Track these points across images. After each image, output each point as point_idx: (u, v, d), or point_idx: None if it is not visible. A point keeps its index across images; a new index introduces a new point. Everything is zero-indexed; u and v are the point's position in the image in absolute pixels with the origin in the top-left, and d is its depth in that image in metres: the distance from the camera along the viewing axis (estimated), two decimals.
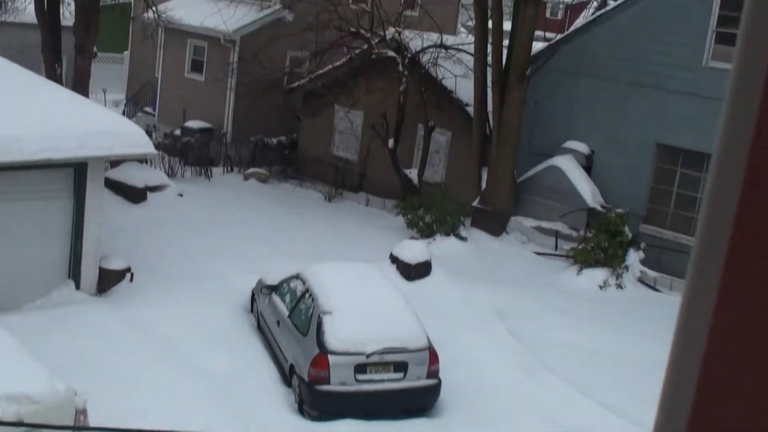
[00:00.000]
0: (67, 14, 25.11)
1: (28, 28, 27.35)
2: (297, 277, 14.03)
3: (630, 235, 18.96)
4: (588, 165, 21.59)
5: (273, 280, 14.77)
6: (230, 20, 27.26)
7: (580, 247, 19.11)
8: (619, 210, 19.43)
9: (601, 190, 21.14)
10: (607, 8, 22.55)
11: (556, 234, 20.72)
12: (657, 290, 18.80)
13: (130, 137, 15.19)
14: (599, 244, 18.78)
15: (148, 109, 32.93)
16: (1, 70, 15.71)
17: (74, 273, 14.91)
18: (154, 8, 26.30)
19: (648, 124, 20.68)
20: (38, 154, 13.49)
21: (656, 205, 20.79)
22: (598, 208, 20.52)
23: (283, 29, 26.81)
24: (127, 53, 35.68)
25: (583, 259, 18.72)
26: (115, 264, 15.64)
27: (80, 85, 23.13)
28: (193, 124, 28.31)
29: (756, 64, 0.80)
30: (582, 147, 21.67)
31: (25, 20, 27.45)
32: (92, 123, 14.82)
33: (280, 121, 28.37)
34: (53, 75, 23.24)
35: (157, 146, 23.84)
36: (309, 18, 24.42)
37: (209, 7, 28.48)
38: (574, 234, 20.45)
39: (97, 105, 17.97)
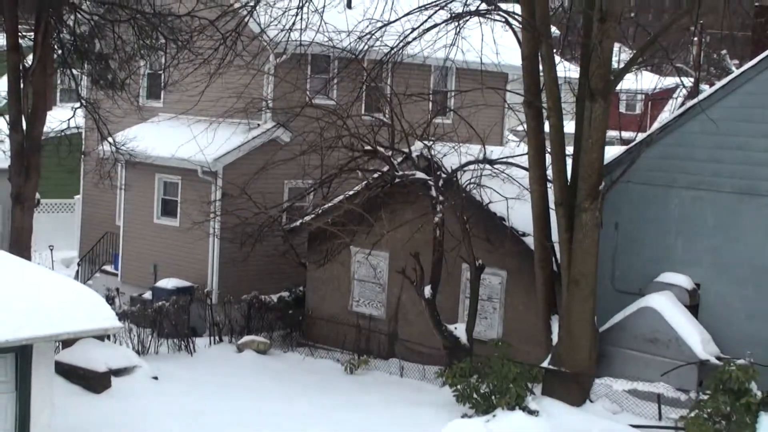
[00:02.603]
0: (1, 154, 25.76)
1: None
2: None
3: (759, 393, 18.71)
4: (693, 303, 21.57)
5: None
6: (209, 146, 27.87)
7: (693, 414, 18.87)
8: (741, 361, 19.28)
9: (713, 335, 21.04)
10: (701, 98, 22.84)
11: (659, 398, 20.53)
12: None
13: (85, 308, 15.41)
14: (719, 408, 18.54)
15: (109, 268, 33.37)
16: None
17: None
18: (110, 139, 26.95)
19: None
20: None
21: None
22: (712, 359, 20.39)
23: (278, 153, 27.40)
24: (78, 198, 36.43)
25: (699, 430, 18.44)
26: None
27: (19, 243, 23.57)
28: (168, 283, 28.66)
29: None
30: (683, 280, 21.68)
31: None
32: (36, 293, 15.05)
33: (280, 271, 28.65)
34: None
35: (122, 316, 24.14)
36: (311, 136, 24.96)
37: (182, 132, 29.21)
38: (683, 397, 20.26)
39: (41, 268, 18.26)
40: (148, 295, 28.61)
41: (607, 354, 21.61)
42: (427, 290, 23.40)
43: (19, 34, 24.80)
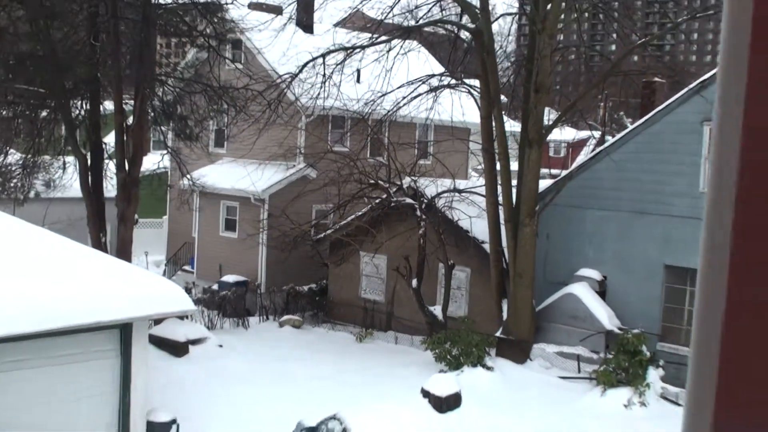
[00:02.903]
0: (110, 187, 25.77)
1: (74, 202, 28.07)
2: (334, 417, 13.89)
3: (648, 353, 18.72)
4: (602, 290, 21.57)
5: (311, 421, 14.62)
6: (259, 181, 27.95)
7: (602, 368, 18.86)
8: (635, 330, 19.28)
9: (616, 312, 21.04)
10: (606, 145, 22.93)
11: (578, 357, 20.48)
12: (679, 405, 18.38)
13: (170, 296, 15.39)
14: (620, 364, 18.53)
15: (187, 268, 33.31)
16: (50, 243, 16.10)
17: (123, 427, 14.82)
18: (188, 176, 27.02)
19: (654, 248, 20.73)
20: (86, 318, 13.66)
21: (670, 323, 20.59)
22: (616, 330, 20.38)
23: (308, 185, 27.45)
24: (165, 218, 36.42)
25: (606, 380, 18.43)
26: (162, 417, 15.56)
27: (123, 251, 23.52)
28: (229, 278, 28.59)
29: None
30: (594, 274, 21.69)
31: (71, 195, 28.21)
32: (135, 286, 15.06)
33: (310, 269, 28.61)
34: (99, 244, 23.69)
35: (197, 302, 24.07)
36: (331, 173, 25.02)
37: (239, 170, 29.27)
38: (595, 356, 20.23)
39: (139, 268, 18.25)
40: (215, 286, 28.55)
41: (542, 327, 21.60)
42: (414, 282, 23.40)
43: (123, 101, 24.86)
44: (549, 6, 20.68)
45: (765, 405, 0.91)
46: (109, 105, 26.93)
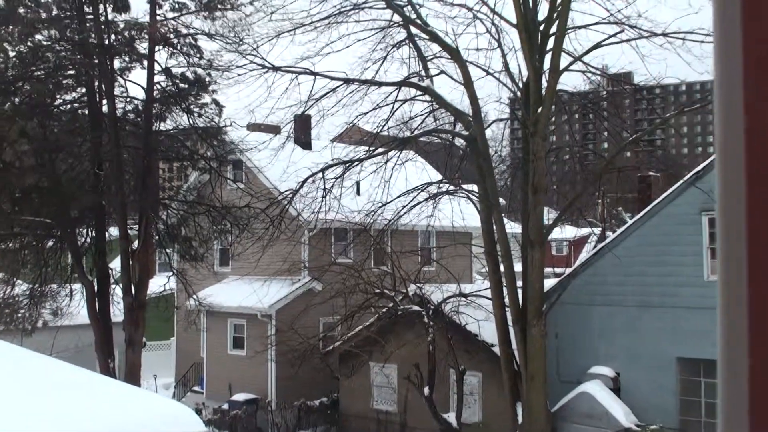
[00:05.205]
0: (117, 312, 25.67)
1: (82, 329, 27.92)
2: None
3: None
4: (616, 387, 21.14)
5: None
6: (265, 297, 27.86)
7: None
8: (653, 426, 18.87)
9: (632, 408, 20.56)
10: (607, 241, 22.90)
11: None
12: None
13: (180, 419, 15.06)
14: None
15: (197, 388, 32.87)
16: (57, 371, 15.87)
17: None
18: (195, 296, 26.95)
19: (665, 341, 20.42)
20: None
21: (688, 416, 20.09)
22: (633, 427, 19.90)
23: (314, 298, 27.35)
24: (173, 339, 36.16)
25: None
26: None
27: (132, 375, 23.27)
28: (240, 396, 28.19)
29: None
30: (607, 370, 21.32)
31: (79, 322, 28.06)
32: (144, 410, 14.75)
33: (320, 382, 28.22)
34: (107, 370, 23.44)
35: (207, 423, 23.67)
36: (336, 285, 24.93)
37: (245, 288, 29.21)
38: None
39: (148, 392, 17.94)
40: (226, 406, 28.11)
41: (558, 428, 21.09)
42: (426, 390, 22.95)
43: (127, 226, 25.01)
44: (539, 109, 20.99)
45: None
46: (114, 231, 27.11)
